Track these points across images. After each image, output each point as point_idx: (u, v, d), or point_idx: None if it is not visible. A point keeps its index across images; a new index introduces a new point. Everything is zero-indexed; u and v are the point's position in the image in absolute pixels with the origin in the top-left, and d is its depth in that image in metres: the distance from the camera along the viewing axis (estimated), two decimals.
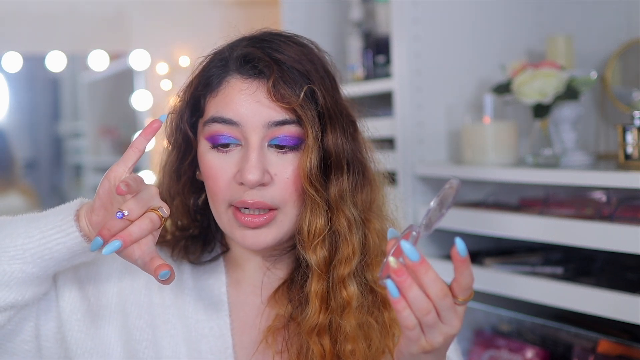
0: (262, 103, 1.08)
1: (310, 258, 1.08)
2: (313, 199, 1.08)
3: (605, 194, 1.71)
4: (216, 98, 1.10)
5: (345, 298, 1.09)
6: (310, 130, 1.07)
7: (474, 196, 2.12)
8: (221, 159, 1.09)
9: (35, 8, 2.94)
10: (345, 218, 1.10)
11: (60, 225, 1.02)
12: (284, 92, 1.07)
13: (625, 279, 1.74)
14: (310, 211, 1.08)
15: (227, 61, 1.12)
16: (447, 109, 2.14)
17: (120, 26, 3.07)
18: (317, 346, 1.08)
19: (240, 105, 1.08)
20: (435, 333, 0.93)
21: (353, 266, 1.09)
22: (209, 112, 1.11)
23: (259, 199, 1.07)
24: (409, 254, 0.90)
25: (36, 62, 3.10)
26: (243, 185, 1.07)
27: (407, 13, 2.10)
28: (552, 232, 1.70)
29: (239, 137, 1.09)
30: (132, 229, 0.96)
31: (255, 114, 1.07)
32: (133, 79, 3.18)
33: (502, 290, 1.84)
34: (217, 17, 3.10)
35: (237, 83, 1.09)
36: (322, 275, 1.09)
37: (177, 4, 3.13)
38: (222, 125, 1.09)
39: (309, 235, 1.08)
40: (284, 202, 1.09)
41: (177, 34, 3.11)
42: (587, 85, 1.94)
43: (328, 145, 1.09)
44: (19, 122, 3.34)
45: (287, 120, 1.08)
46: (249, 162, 1.06)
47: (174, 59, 3.11)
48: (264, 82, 1.08)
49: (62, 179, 3.48)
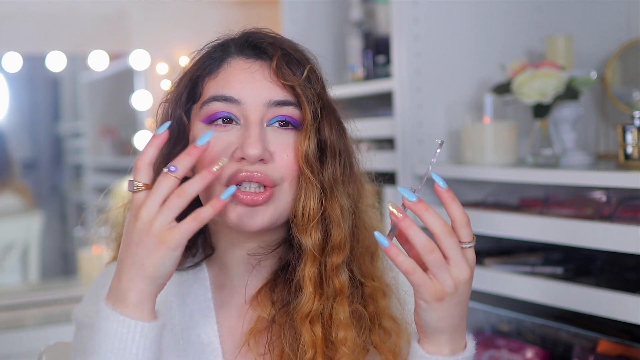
0: (263, 82, 1.09)
1: (306, 241, 1.09)
2: (309, 180, 1.08)
3: (605, 194, 1.71)
4: (216, 79, 1.11)
5: (337, 286, 1.09)
6: (309, 110, 1.09)
7: (474, 196, 2.12)
8: (218, 136, 1.08)
9: (35, 8, 2.94)
10: (339, 205, 1.11)
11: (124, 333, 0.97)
12: (286, 72, 1.09)
13: (625, 279, 1.74)
14: (304, 193, 1.09)
15: (227, 46, 1.13)
16: (447, 109, 2.14)
17: (120, 26, 3.07)
18: (309, 333, 1.08)
19: (241, 83, 1.09)
20: (444, 275, 0.96)
21: (346, 254, 1.10)
22: (207, 93, 1.11)
23: (259, 171, 1.07)
24: (406, 194, 0.95)
25: (36, 62, 3.10)
26: (242, 160, 1.07)
27: (407, 13, 2.10)
28: (552, 232, 1.70)
29: (239, 115, 1.09)
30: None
31: (257, 93, 1.09)
32: (133, 79, 3.18)
33: (502, 290, 1.84)
34: (217, 17, 3.10)
35: (239, 63, 1.11)
36: (316, 261, 1.09)
37: (177, 4, 3.13)
38: (221, 104, 1.09)
39: (304, 218, 1.09)
40: (282, 178, 1.09)
41: (177, 34, 3.11)
42: (587, 85, 1.94)
43: (324, 130, 1.11)
44: (19, 122, 3.34)
45: (287, 100, 1.09)
46: (251, 137, 1.06)
47: (174, 59, 3.11)
48: (266, 62, 1.10)
49: (62, 179, 3.48)
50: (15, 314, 2.92)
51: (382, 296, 1.14)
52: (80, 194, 3.43)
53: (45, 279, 3.26)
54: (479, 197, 2.11)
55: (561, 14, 2.23)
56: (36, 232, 3.26)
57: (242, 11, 3.15)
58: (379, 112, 2.35)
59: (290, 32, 2.65)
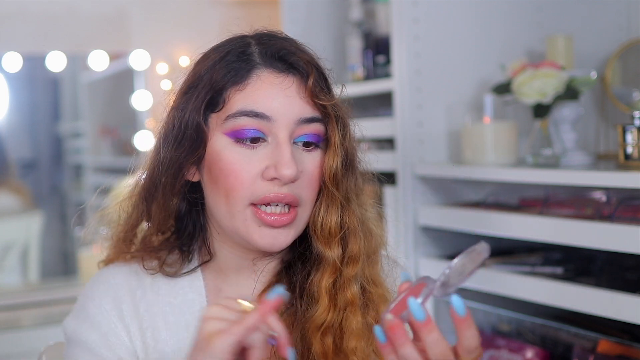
0: (294, 98, 1.07)
1: (330, 254, 1.08)
2: (333, 196, 1.08)
3: (605, 194, 1.72)
4: (244, 91, 1.07)
5: (349, 297, 1.09)
6: (337, 129, 1.08)
7: (474, 196, 2.12)
8: (246, 155, 1.06)
9: (35, 8, 2.94)
10: (356, 216, 1.10)
11: None
12: (319, 91, 1.07)
13: (625, 279, 1.74)
14: (326, 207, 1.08)
15: (250, 55, 1.09)
16: (447, 109, 2.14)
17: (120, 26, 3.07)
18: (319, 344, 1.07)
19: (273, 100, 1.06)
20: None
21: (359, 266, 1.10)
22: (234, 105, 1.07)
23: (289, 192, 1.06)
24: (415, 313, 0.86)
25: (36, 62, 3.10)
26: (273, 180, 1.05)
27: (407, 13, 2.10)
28: (552, 232, 1.71)
29: (267, 132, 1.06)
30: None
31: (288, 109, 1.06)
32: (133, 79, 3.18)
33: (502, 290, 1.84)
34: (217, 17, 3.10)
35: (269, 77, 1.07)
36: (336, 271, 1.09)
37: (177, 4, 3.13)
38: (250, 119, 1.06)
39: (327, 232, 1.08)
40: (306, 198, 1.08)
41: (177, 34, 3.11)
42: (587, 85, 1.94)
43: (346, 146, 1.10)
44: (19, 122, 3.33)
45: (316, 117, 1.08)
46: (285, 157, 1.04)
47: (174, 59, 3.11)
48: (297, 77, 1.08)
49: (62, 179, 3.48)
50: (15, 314, 2.92)
51: (384, 302, 1.13)
52: (80, 194, 3.43)
53: (45, 279, 3.26)
54: (479, 197, 2.11)
55: (561, 14, 2.23)
56: (36, 232, 3.26)
57: (242, 11, 3.15)
58: (379, 112, 2.35)
59: (291, 32, 2.64)
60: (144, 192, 1.15)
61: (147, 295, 1.13)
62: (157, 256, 1.16)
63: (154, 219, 1.15)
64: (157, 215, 1.14)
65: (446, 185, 2.13)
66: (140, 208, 1.16)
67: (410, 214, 2.10)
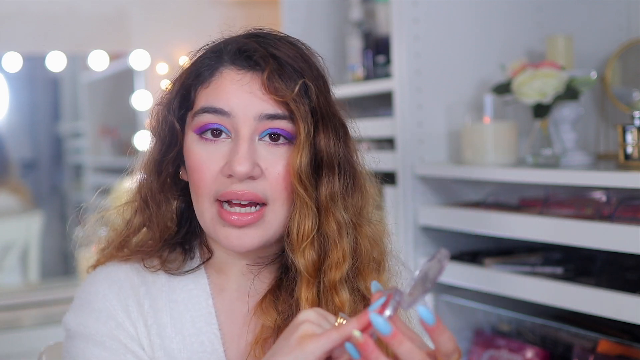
0: (255, 95, 1.05)
1: (299, 262, 1.05)
2: (302, 199, 1.05)
3: (605, 194, 1.72)
4: (208, 89, 1.08)
5: (337, 304, 1.06)
6: (302, 126, 1.05)
7: (474, 196, 2.12)
8: (208, 151, 1.06)
9: (35, 8, 2.94)
10: (336, 221, 1.07)
11: None
12: (278, 86, 1.05)
13: (625, 279, 1.74)
14: (299, 212, 1.05)
15: (220, 53, 1.10)
16: (447, 109, 2.14)
17: (120, 26, 3.07)
18: None
19: (232, 95, 1.06)
20: None
21: (344, 271, 1.06)
22: (199, 103, 1.08)
23: (249, 190, 1.04)
24: (380, 328, 0.86)
25: (36, 62, 3.10)
26: (231, 177, 1.04)
27: (407, 13, 2.10)
28: (552, 232, 1.71)
29: (230, 128, 1.06)
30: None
31: (248, 105, 1.05)
32: (133, 79, 3.18)
33: (502, 290, 1.84)
34: (217, 17, 3.10)
35: (231, 74, 1.07)
36: (312, 281, 1.06)
37: (177, 4, 3.13)
38: (212, 116, 1.06)
39: (297, 238, 1.05)
40: (273, 197, 1.06)
41: (177, 34, 3.11)
42: (587, 85, 1.94)
43: (320, 144, 1.07)
44: (19, 122, 3.34)
45: (279, 114, 1.06)
46: (239, 153, 1.04)
47: (174, 59, 3.11)
48: (258, 74, 1.06)
49: (62, 179, 3.48)
50: (15, 314, 2.92)
51: None
52: (80, 194, 3.43)
53: (45, 279, 3.26)
54: (479, 197, 2.11)
55: (561, 14, 2.23)
56: (36, 232, 3.26)
57: (242, 11, 3.15)
58: (379, 112, 2.35)
59: (290, 32, 2.64)
60: (143, 196, 1.15)
61: (150, 292, 1.13)
62: (159, 254, 1.15)
63: (155, 223, 1.15)
64: (158, 218, 1.14)
65: (446, 185, 2.13)
66: (141, 214, 1.15)
67: (410, 214, 2.10)
